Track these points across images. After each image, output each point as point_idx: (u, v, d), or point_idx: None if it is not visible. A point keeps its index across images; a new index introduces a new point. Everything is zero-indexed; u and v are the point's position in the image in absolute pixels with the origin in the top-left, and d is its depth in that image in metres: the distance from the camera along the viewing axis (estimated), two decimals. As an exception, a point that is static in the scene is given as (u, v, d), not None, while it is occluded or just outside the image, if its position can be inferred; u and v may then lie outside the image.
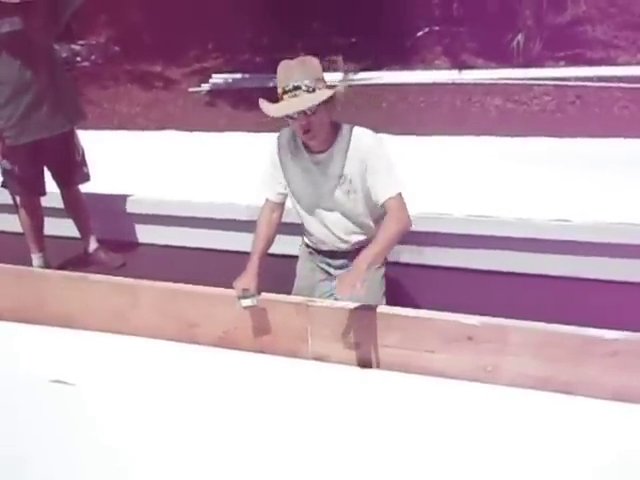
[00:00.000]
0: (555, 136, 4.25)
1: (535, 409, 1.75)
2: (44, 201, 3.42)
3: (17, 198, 3.39)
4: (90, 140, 3.50)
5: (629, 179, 3.25)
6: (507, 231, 3.00)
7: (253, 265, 2.16)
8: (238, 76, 7.41)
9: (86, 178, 3.44)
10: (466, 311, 1.92)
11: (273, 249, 2.31)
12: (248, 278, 2.11)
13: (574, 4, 7.32)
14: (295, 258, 2.57)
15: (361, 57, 6.93)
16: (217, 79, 7.47)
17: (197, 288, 2.23)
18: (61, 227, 3.59)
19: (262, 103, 2.13)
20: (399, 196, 2.13)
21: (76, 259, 3.56)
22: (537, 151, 3.95)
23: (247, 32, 8.14)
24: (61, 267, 3.36)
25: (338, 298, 1.98)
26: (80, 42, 8.81)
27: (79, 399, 1.93)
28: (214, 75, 7.54)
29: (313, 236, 2.39)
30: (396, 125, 4.86)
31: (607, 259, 2.90)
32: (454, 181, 3.48)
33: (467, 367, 1.89)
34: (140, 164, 4.19)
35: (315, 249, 2.45)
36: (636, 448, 1.60)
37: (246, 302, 2.07)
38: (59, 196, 3.45)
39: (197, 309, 2.21)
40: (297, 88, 2.01)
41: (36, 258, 3.44)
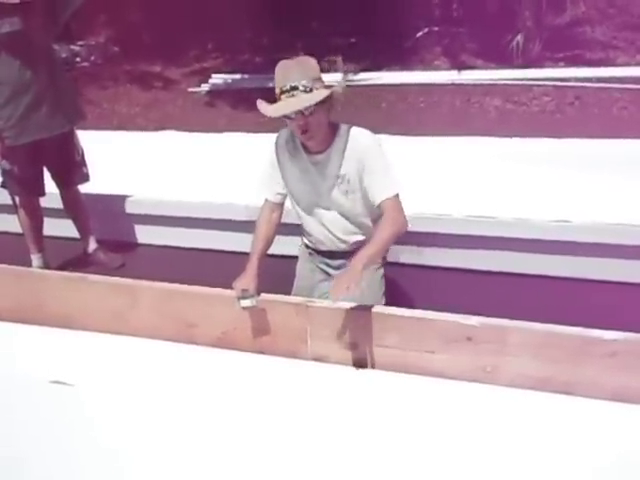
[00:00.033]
0: (554, 137, 4.25)
1: (534, 410, 1.75)
2: (43, 201, 3.42)
3: (16, 198, 3.39)
4: (90, 140, 3.50)
5: (628, 179, 3.26)
6: (506, 232, 3.00)
7: (252, 265, 2.16)
8: (238, 76, 7.41)
9: (85, 178, 3.44)
10: (465, 312, 1.92)
11: (272, 249, 2.31)
12: (247, 278, 2.11)
13: (573, 5, 7.33)
14: (294, 259, 2.57)
15: (360, 57, 6.93)
16: (216, 79, 7.47)
17: (196, 288, 2.23)
18: (60, 227, 3.59)
19: (260, 104, 2.13)
20: (396, 197, 2.13)
21: (75, 259, 3.56)
22: (536, 151, 3.94)
23: (247, 32, 8.14)
24: (60, 267, 3.36)
25: (332, 299, 1.96)
26: (79, 42, 8.82)
27: (78, 399, 1.93)
28: (213, 75, 7.54)
29: (312, 236, 2.39)
30: (395, 125, 4.86)
31: (606, 260, 2.91)
32: (453, 181, 3.48)
33: (467, 368, 1.89)
34: (139, 164, 4.19)
35: (314, 249, 2.45)
36: (635, 448, 1.60)
37: (245, 302, 2.07)
38: (58, 196, 3.45)
39: (196, 309, 2.21)
40: (294, 88, 2.01)
41: (35, 258, 3.44)
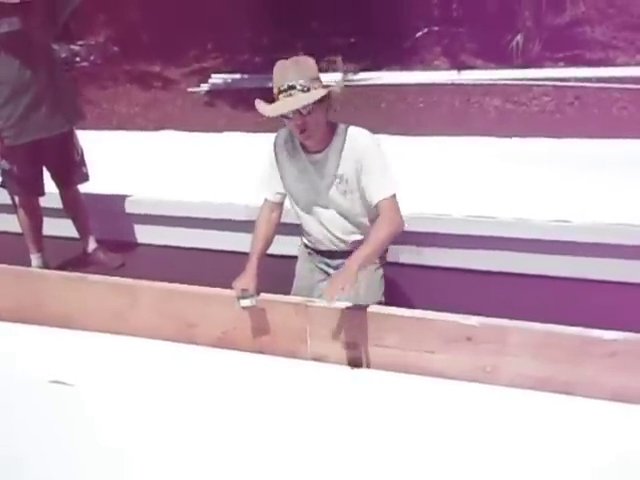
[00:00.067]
0: (554, 137, 4.25)
1: (534, 409, 1.75)
2: (43, 201, 3.42)
3: (16, 198, 3.38)
4: (89, 140, 3.50)
5: (628, 180, 3.26)
6: (506, 232, 3.00)
7: (252, 265, 2.16)
8: (237, 76, 7.41)
9: (85, 178, 3.44)
10: (465, 311, 1.92)
11: (272, 249, 2.31)
12: (247, 278, 2.11)
13: (573, 5, 7.34)
14: (294, 258, 2.57)
15: (360, 57, 6.93)
16: (216, 79, 7.47)
17: (196, 288, 2.23)
18: (60, 227, 3.59)
19: (258, 103, 2.12)
20: (393, 197, 2.12)
21: (75, 259, 3.55)
22: (536, 152, 3.94)
23: (246, 32, 8.15)
24: (60, 267, 3.36)
25: (327, 299, 1.93)
26: (79, 42, 8.82)
27: (78, 399, 1.93)
28: (213, 75, 7.55)
29: (311, 236, 2.39)
30: (395, 125, 4.86)
31: (606, 260, 2.91)
32: (453, 182, 3.48)
33: (466, 368, 1.89)
34: (139, 164, 4.19)
35: (314, 249, 2.45)
36: (635, 449, 1.60)
37: (245, 302, 2.07)
38: (58, 196, 3.45)
39: (196, 309, 2.21)
40: (292, 88, 2.00)
41: (35, 258, 3.44)
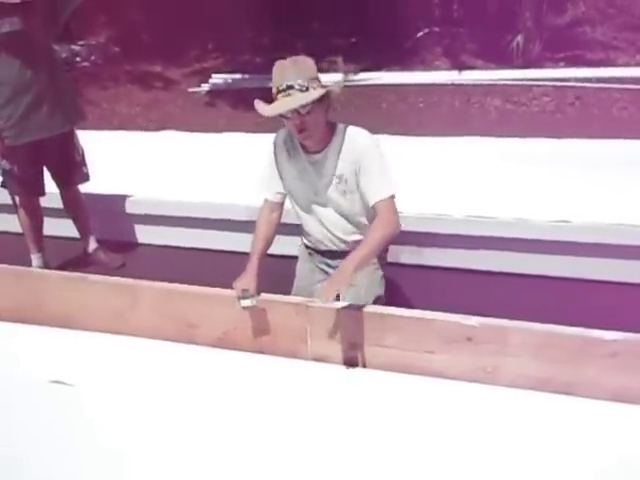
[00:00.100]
0: (554, 137, 4.25)
1: (535, 410, 1.75)
2: (43, 201, 3.42)
3: (16, 198, 3.38)
4: (90, 140, 3.50)
5: (628, 180, 3.26)
6: (507, 232, 3.00)
7: (253, 265, 2.16)
8: (238, 76, 7.42)
9: (86, 178, 3.44)
10: (466, 312, 1.91)
11: (272, 249, 2.31)
12: (248, 278, 2.11)
13: (573, 5, 7.35)
14: (294, 258, 2.57)
15: (361, 58, 6.94)
16: (217, 79, 7.48)
17: (196, 288, 2.23)
18: (60, 227, 3.59)
19: (257, 104, 2.12)
20: (390, 199, 2.11)
21: (75, 259, 3.55)
22: (536, 152, 3.94)
23: (247, 32, 8.15)
24: (60, 267, 3.36)
25: (322, 301, 1.94)
26: (80, 42, 8.82)
27: (78, 400, 1.93)
28: (214, 75, 7.55)
29: (311, 236, 2.39)
30: (395, 125, 4.87)
31: (606, 260, 2.90)
32: (453, 182, 3.48)
33: (467, 368, 1.89)
34: (140, 164, 4.19)
35: (314, 249, 2.45)
36: (636, 450, 1.59)
37: (245, 302, 2.07)
38: (58, 196, 3.45)
39: (196, 309, 2.20)
40: (290, 87, 2.00)
41: (35, 258, 3.44)
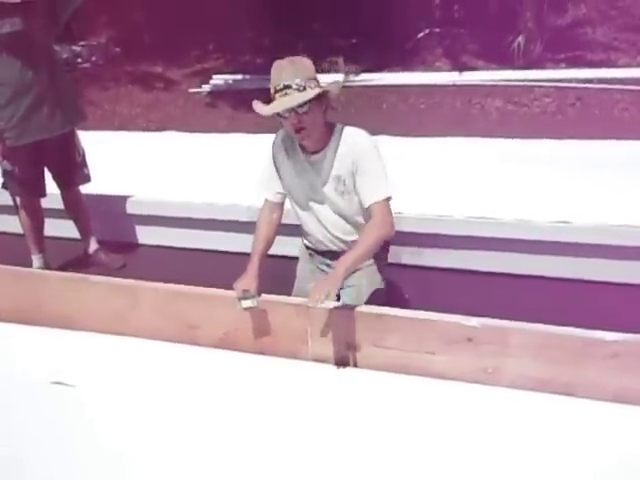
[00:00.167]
0: (555, 138, 4.25)
1: (535, 411, 1.75)
2: (44, 202, 3.42)
3: (17, 199, 3.39)
4: (91, 141, 3.50)
5: (629, 181, 3.26)
6: (507, 233, 3.00)
7: (253, 266, 2.16)
8: (239, 77, 7.41)
9: (86, 179, 3.45)
10: (466, 312, 1.91)
11: (273, 250, 2.31)
12: (248, 279, 2.11)
13: (574, 6, 7.34)
14: (295, 259, 2.57)
15: (362, 58, 6.94)
16: (218, 80, 7.47)
17: (197, 289, 2.23)
18: (61, 228, 3.59)
19: (255, 104, 2.13)
20: (385, 201, 2.10)
21: (76, 260, 3.56)
22: (537, 153, 3.94)
23: (248, 33, 8.15)
24: (61, 268, 3.36)
25: (310, 304, 1.91)
26: (81, 43, 8.83)
27: (78, 400, 1.93)
28: (215, 76, 7.55)
29: (311, 237, 2.39)
30: (396, 126, 4.87)
31: (607, 261, 2.90)
32: (454, 183, 3.48)
33: (467, 369, 1.89)
34: (140, 165, 4.19)
35: (314, 250, 2.45)
36: (637, 450, 1.59)
37: (246, 303, 2.07)
38: (59, 197, 3.45)
39: (197, 310, 2.21)
40: (288, 87, 2.00)
41: (36, 259, 3.44)
